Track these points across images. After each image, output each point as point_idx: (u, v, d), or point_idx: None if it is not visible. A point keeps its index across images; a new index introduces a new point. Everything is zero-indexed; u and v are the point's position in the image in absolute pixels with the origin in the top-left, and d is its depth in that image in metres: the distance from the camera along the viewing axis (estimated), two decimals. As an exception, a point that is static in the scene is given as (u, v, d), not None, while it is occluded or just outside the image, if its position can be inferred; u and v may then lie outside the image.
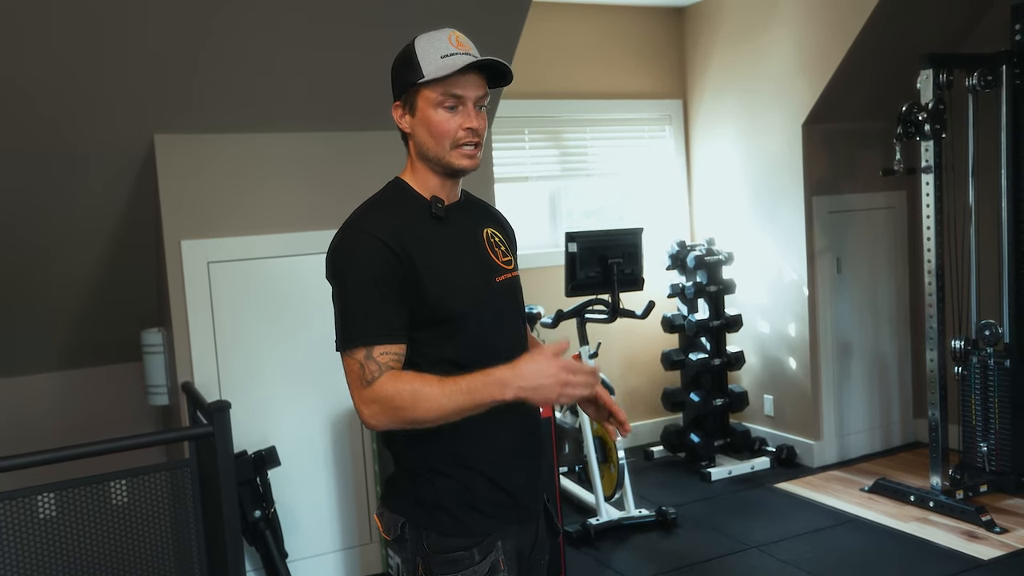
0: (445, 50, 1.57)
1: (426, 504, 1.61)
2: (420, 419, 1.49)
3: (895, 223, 4.97)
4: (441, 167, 1.62)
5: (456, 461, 1.61)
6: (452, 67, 1.54)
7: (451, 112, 1.58)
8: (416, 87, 1.58)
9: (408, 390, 1.48)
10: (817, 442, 4.78)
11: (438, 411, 1.47)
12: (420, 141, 1.61)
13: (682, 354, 4.89)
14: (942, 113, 3.96)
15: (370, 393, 1.50)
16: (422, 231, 1.60)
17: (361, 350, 1.51)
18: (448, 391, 1.47)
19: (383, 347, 1.52)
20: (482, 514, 1.62)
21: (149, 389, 3.58)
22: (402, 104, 1.63)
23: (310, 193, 3.49)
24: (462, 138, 1.59)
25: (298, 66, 3.18)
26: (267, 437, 3.40)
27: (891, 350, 5.01)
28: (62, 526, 2.62)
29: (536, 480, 1.73)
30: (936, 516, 3.98)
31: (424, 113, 1.59)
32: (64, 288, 3.50)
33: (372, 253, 1.53)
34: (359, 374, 1.51)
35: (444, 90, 1.56)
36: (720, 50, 5.16)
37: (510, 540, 1.65)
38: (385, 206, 1.63)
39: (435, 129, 1.58)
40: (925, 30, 4.33)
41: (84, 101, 2.95)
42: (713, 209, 5.34)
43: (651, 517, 4.05)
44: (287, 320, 3.46)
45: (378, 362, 1.51)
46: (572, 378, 1.46)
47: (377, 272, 1.53)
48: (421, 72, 1.57)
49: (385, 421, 1.51)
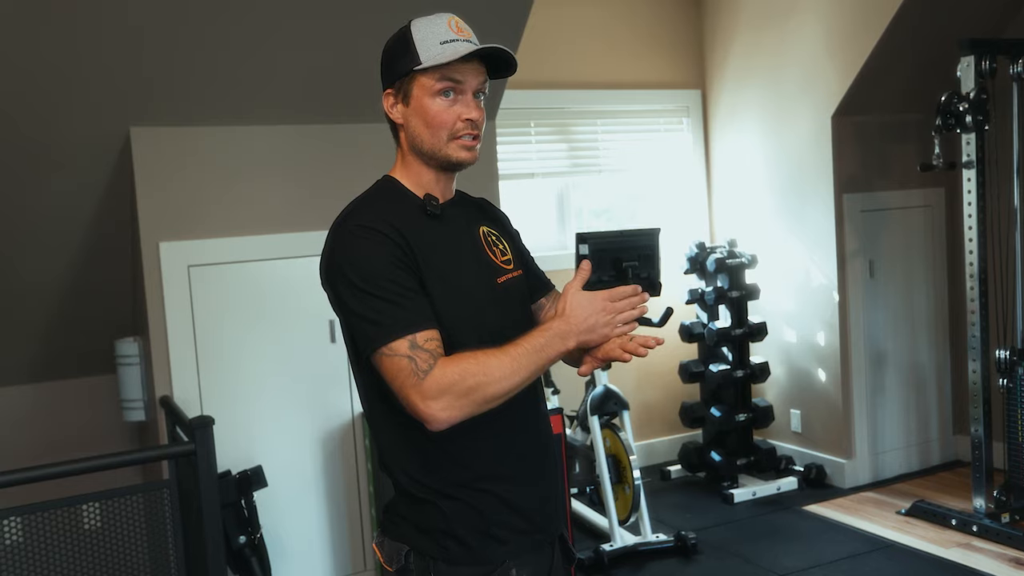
0: (444, 35, 1.55)
1: (432, 531, 1.58)
2: (497, 393, 1.47)
3: (933, 223, 4.95)
4: (436, 160, 1.60)
5: (465, 481, 1.58)
6: (454, 54, 1.53)
7: (449, 101, 1.57)
8: (412, 74, 1.57)
9: (474, 367, 1.45)
10: (849, 461, 4.75)
11: (513, 378, 1.47)
12: (414, 132, 1.60)
13: (701, 365, 4.87)
14: (985, 103, 3.94)
15: (433, 384, 1.44)
16: (419, 231, 1.57)
17: (403, 341, 1.46)
18: (514, 356, 1.48)
19: (426, 333, 1.48)
20: (495, 540, 1.59)
21: (124, 403, 3.56)
22: (395, 92, 1.61)
23: (299, 191, 3.48)
24: (460, 129, 1.57)
25: (285, 53, 3.17)
26: (252, 456, 3.37)
27: (929, 361, 4.98)
28: (29, 553, 2.60)
29: (554, 499, 1.71)
30: (980, 541, 3.94)
31: (420, 102, 1.57)
32: (32, 296, 3.49)
33: (377, 245, 1.51)
34: (410, 369, 1.45)
35: (442, 76, 1.55)
36: (742, 36, 5.14)
37: (525, 567, 1.62)
38: (377, 202, 1.61)
39: (432, 119, 1.57)
40: (965, 13, 4.31)
41: (55, 90, 2.94)
42: (735, 208, 5.32)
43: (669, 543, 4.02)
44: (274, 329, 3.44)
45: (427, 349, 1.47)
46: (620, 304, 1.55)
47: (389, 262, 1.50)
48: (418, 58, 1.55)
49: (459, 409, 1.45)
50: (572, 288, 1.56)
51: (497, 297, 1.65)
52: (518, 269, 1.74)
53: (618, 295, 1.55)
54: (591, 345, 1.55)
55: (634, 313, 1.56)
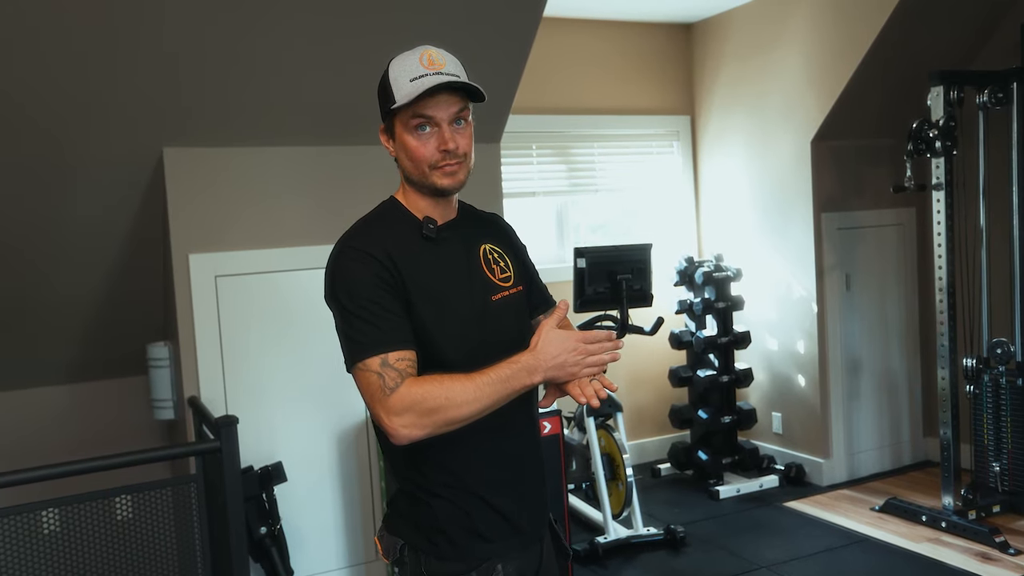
0: (415, 71, 1.52)
1: (424, 527, 1.58)
2: (456, 418, 1.44)
3: (904, 240, 4.95)
4: (426, 188, 1.59)
5: (453, 484, 1.57)
6: (416, 91, 1.50)
7: (426, 135, 1.54)
8: (392, 113, 1.57)
9: (438, 390, 1.43)
10: (826, 460, 4.73)
11: (474, 405, 1.43)
12: (403, 165, 1.60)
13: (690, 371, 4.86)
14: (953, 130, 3.94)
15: (397, 401, 1.43)
16: (413, 253, 1.56)
17: (376, 359, 1.45)
18: (479, 384, 1.44)
19: (398, 353, 1.47)
20: (481, 538, 1.58)
21: (155, 403, 3.56)
22: (385, 129, 1.62)
23: (319, 207, 3.48)
24: (439, 160, 1.55)
25: (309, 81, 3.17)
26: (273, 452, 3.37)
27: (900, 368, 4.97)
28: (65, 542, 2.59)
29: (538, 502, 1.69)
30: (949, 537, 3.93)
31: (401, 138, 1.57)
32: (69, 304, 3.48)
33: (365, 268, 1.51)
34: (379, 385, 1.44)
35: (414, 113, 1.53)
36: (728, 66, 5.15)
37: (512, 563, 1.60)
38: (376, 226, 1.61)
39: (412, 153, 1.56)
40: (935, 47, 4.32)
41: (97, 115, 2.94)
42: (721, 225, 5.32)
43: (659, 535, 4.01)
44: (295, 334, 3.43)
45: (396, 368, 1.45)
46: (592, 347, 1.49)
47: (375, 284, 1.50)
48: (393, 97, 1.55)
49: (419, 427, 1.43)
50: (547, 325, 1.50)
51: (490, 314, 1.61)
52: (518, 286, 1.70)
53: (592, 338, 1.50)
54: (558, 382, 1.50)
55: (605, 358, 1.51)
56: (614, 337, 1.53)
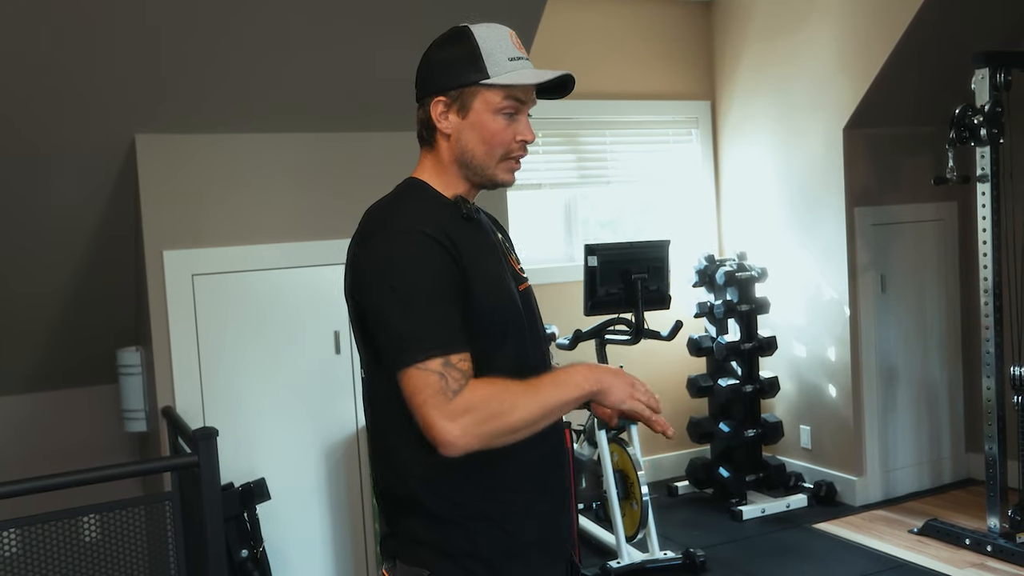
0: (511, 52, 1.54)
1: (457, 554, 1.54)
2: (517, 424, 1.44)
3: (945, 237, 4.93)
4: (480, 178, 1.59)
5: (494, 499, 1.55)
6: (529, 78, 1.53)
7: (508, 121, 1.55)
8: (476, 87, 1.53)
9: (503, 392, 1.44)
10: (859, 478, 4.71)
11: (536, 410, 1.45)
12: (466, 146, 1.56)
13: (710, 380, 4.84)
14: (999, 116, 3.93)
15: (461, 403, 1.40)
16: (460, 232, 1.55)
17: (437, 360, 1.42)
18: (537, 387, 1.47)
19: (459, 355, 1.45)
20: (520, 561, 1.57)
21: (125, 414, 3.54)
22: (450, 102, 1.55)
23: (306, 200, 3.46)
24: (515, 150, 1.57)
25: (292, 62, 3.16)
26: (255, 468, 3.35)
27: (941, 377, 4.95)
28: (27, 566, 2.58)
29: (569, 518, 1.71)
30: (994, 562, 3.91)
31: (480, 117, 1.54)
32: (33, 304, 3.47)
33: (424, 250, 1.47)
34: (441, 387, 1.41)
35: (509, 95, 1.54)
36: (752, 47, 5.14)
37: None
38: (416, 204, 1.58)
39: (491, 136, 1.55)
40: (979, 26, 4.30)
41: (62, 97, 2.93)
42: (744, 221, 5.31)
43: (677, 560, 3.99)
44: (279, 338, 3.42)
45: (459, 369, 1.43)
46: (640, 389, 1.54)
47: (433, 270, 1.47)
48: (486, 71, 1.52)
49: (478, 434, 1.41)
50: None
51: (522, 302, 1.64)
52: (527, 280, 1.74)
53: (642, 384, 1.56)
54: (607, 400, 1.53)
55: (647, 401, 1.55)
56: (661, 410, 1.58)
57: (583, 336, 4.20)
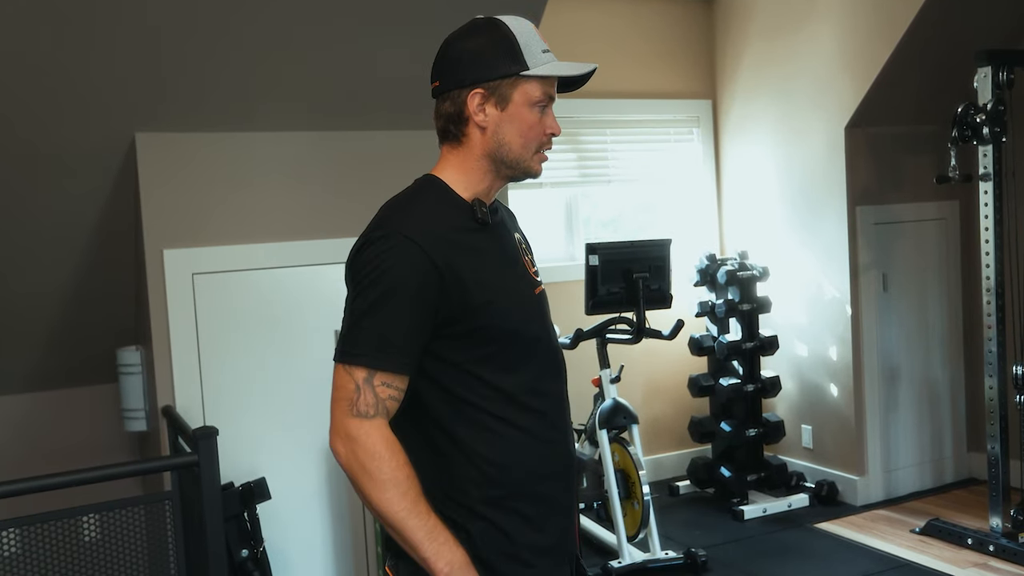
0: (541, 44, 1.55)
1: None
2: (368, 498, 1.46)
3: (947, 236, 4.92)
4: (515, 170, 1.59)
5: (496, 500, 1.54)
6: (565, 69, 1.56)
7: (540, 114, 1.56)
8: (516, 79, 1.52)
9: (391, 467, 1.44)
10: (861, 478, 4.70)
11: (386, 514, 1.45)
12: (504, 139, 1.55)
13: (711, 379, 4.82)
14: (1002, 115, 3.91)
15: (355, 428, 1.45)
16: (469, 240, 1.53)
17: (363, 370, 1.44)
18: (411, 509, 1.44)
19: (388, 376, 1.45)
20: (520, 563, 1.56)
21: (125, 413, 3.53)
22: (488, 94, 1.53)
23: (307, 198, 3.45)
24: (545, 143, 1.59)
25: (294, 59, 3.14)
26: (255, 468, 3.33)
27: (943, 376, 4.93)
28: (26, 565, 2.56)
29: (572, 518, 1.69)
30: (997, 562, 3.89)
31: (519, 109, 1.54)
32: (32, 303, 3.45)
33: (411, 263, 1.45)
34: (351, 397, 1.45)
35: (544, 90, 1.55)
36: (753, 46, 5.12)
37: None
38: (429, 205, 1.55)
39: (528, 129, 1.55)
40: (982, 24, 4.29)
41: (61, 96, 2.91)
42: (745, 220, 5.29)
43: (679, 560, 3.97)
44: (279, 338, 3.40)
45: (377, 395, 1.45)
46: None
47: (409, 288, 1.45)
48: (525, 63, 1.52)
49: (347, 464, 1.46)
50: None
51: (536, 306, 1.64)
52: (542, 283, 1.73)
53: None
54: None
55: None
56: None
57: (584, 335, 4.18)
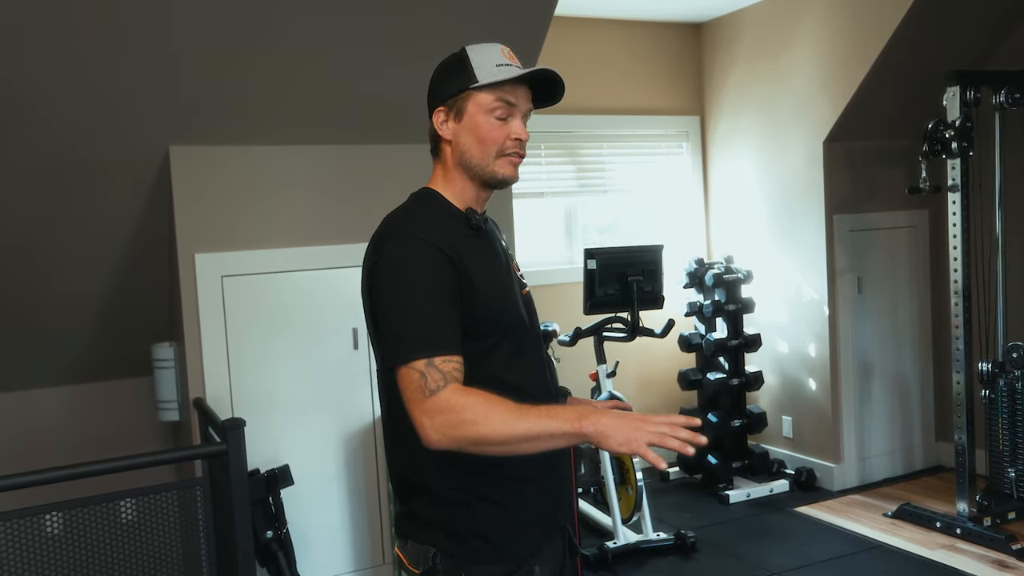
0: (499, 59, 1.56)
1: (461, 533, 1.54)
2: (489, 438, 1.38)
3: (917, 242, 4.89)
4: (481, 176, 1.58)
5: (495, 481, 1.54)
6: (509, 74, 1.53)
7: (501, 121, 1.55)
8: (467, 92, 1.55)
9: (480, 403, 1.39)
10: (837, 465, 4.68)
11: (511, 431, 1.38)
12: (464, 148, 1.56)
13: (699, 374, 4.81)
14: (969, 131, 3.89)
15: (435, 403, 1.40)
16: (468, 244, 1.55)
17: (421, 360, 1.42)
18: (525, 411, 1.39)
19: (445, 356, 1.44)
20: (518, 537, 1.57)
21: (159, 404, 3.52)
22: (447, 109, 1.57)
23: (327, 206, 3.44)
24: (509, 147, 1.57)
25: (318, 79, 3.14)
26: (280, 455, 3.33)
27: (913, 372, 4.91)
28: (69, 545, 2.56)
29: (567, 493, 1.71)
30: (963, 544, 3.87)
31: (473, 119, 1.55)
32: (75, 304, 3.45)
33: (428, 259, 1.47)
34: (420, 384, 1.41)
35: (498, 96, 1.54)
36: (739, 66, 5.11)
37: (546, 565, 1.62)
38: (427, 213, 1.57)
39: (484, 135, 1.55)
40: (950, 47, 4.26)
41: (102, 112, 2.91)
42: (731, 227, 5.27)
43: (669, 541, 3.96)
44: (302, 335, 3.39)
45: (441, 371, 1.42)
46: (648, 429, 1.37)
47: (434, 278, 1.46)
48: (475, 77, 1.54)
49: (448, 436, 1.39)
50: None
51: (524, 307, 1.65)
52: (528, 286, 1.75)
53: (653, 418, 1.39)
54: (602, 447, 1.38)
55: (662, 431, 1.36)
56: (696, 421, 1.39)
57: (582, 333, 4.18)
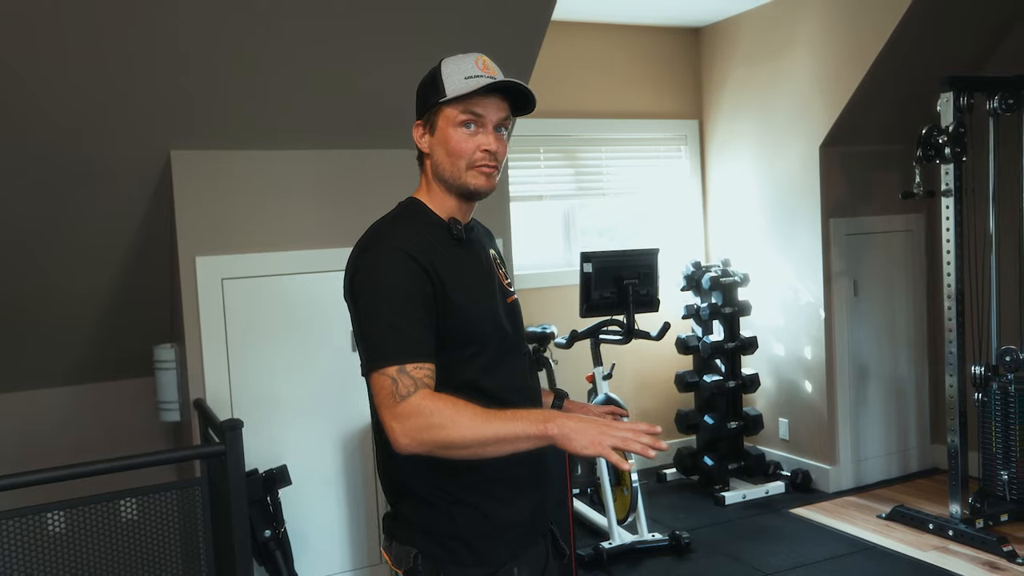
0: (469, 71, 1.56)
1: (441, 535, 1.57)
2: (456, 441, 1.40)
3: (913, 246, 4.92)
4: (456, 188, 1.60)
5: (476, 485, 1.56)
6: (474, 86, 1.54)
7: (470, 132, 1.57)
8: (438, 106, 1.57)
9: (448, 408, 1.41)
10: (833, 467, 4.71)
11: (477, 434, 1.40)
12: (437, 161, 1.60)
13: (696, 376, 4.84)
14: (963, 136, 3.92)
15: (404, 408, 1.42)
16: (446, 252, 1.57)
17: (393, 367, 1.45)
18: (490, 414, 1.41)
19: (416, 364, 1.46)
20: (497, 540, 1.59)
21: (160, 405, 3.55)
22: (423, 123, 1.62)
23: (326, 210, 3.47)
24: (479, 159, 1.57)
25: (318, 84, 3.17)
26: (279, 456, 3.36)
27: (908, 375, 4.94)
28: (70, 543, 2.60)
29: (550, 498, 1.72)
30: (956, 545, 3.90)
31: (443, 132, 1.57)
32: (76, 306, 3.48)
33: (404, 269, 1.50)
34: (391, 390, 1.44)
35: (464, 108, 1.55)
36: (737, 71, 5.14)
37: (525, 568, 1.63)
38: (409, 225, 1.60)
39: (452, 148, 1.56)
40: (945, 53, 4.29)
41: (106, 115, 2.94)
42: (728, 230, 5.30)
43: (664, 541, 3.99)
44: (301, 338, 3.43)
45: (412, 377, 1.44)
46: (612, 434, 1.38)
47: (409, 289, 1.49)
48: (443, 91, 1.56)
49: (417, 440, 1.41)
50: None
51: (506, 316, 1.66)
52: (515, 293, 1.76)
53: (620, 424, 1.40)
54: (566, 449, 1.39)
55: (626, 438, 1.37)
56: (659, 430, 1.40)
57: (579, 336, 4.20)
